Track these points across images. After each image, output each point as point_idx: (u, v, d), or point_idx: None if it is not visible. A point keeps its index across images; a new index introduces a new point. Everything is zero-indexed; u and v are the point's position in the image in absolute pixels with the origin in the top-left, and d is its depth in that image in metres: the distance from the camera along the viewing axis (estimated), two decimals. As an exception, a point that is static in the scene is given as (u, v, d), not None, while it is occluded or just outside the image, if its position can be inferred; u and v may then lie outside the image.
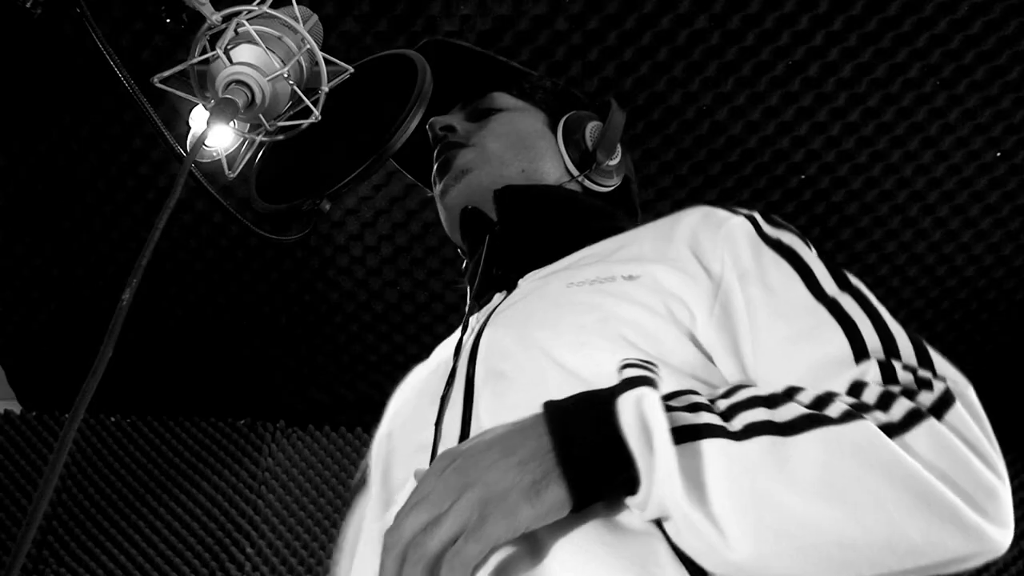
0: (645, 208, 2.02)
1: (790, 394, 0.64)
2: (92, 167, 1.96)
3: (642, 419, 0.58)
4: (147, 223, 2.04)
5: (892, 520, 0.56)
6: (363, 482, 1.02)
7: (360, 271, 2.14)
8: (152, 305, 2.17)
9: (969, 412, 0.62)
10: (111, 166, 1.96)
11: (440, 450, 0.80)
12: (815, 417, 0.60)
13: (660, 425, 0.58)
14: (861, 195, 2.00)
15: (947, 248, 2.10)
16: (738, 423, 0.60)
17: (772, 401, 0.62)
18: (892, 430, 0.59)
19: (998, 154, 1.94)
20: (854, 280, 0.75)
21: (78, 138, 1.91)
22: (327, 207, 0.96)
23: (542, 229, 0.99)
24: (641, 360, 0.65)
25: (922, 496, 0.57)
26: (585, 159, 1.05)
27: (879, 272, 2.14)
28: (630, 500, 0.60)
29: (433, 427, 0.82)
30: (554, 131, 1.07)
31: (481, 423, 0.77)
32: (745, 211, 0.84)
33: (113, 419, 2.36)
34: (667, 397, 0.63)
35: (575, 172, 1.04)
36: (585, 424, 0.60)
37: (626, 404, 0.59)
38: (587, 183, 1.05)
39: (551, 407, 0.63)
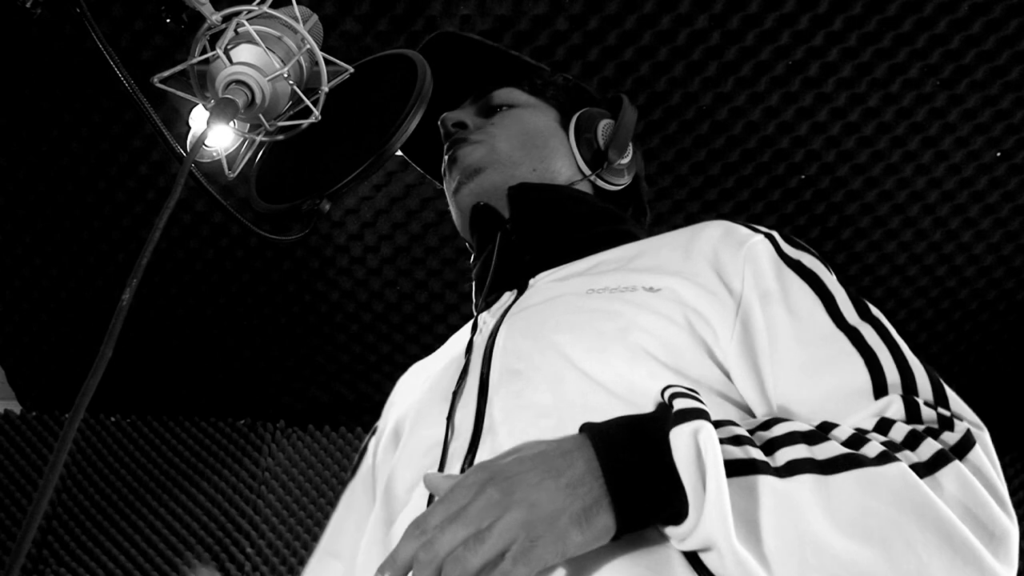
0: (645, 208, 2.04)
1: (826, 430, 0.64)
2: (92, 167, 1.96)
3: (697, 452, 0.58)
4: (147, 223, 2.04)
5: (921, 561, 0.58)
6: (353, 473, 1.02)
7: (360, 271, 2.14)
8: (152, 305, 2.17)
9: (986, 454, 0.64)
10: (111, 166, 1.96)
11: (451, 448, 0.80)
12: (853, 457, 0.60)
13: (715, 460, 0.58)
14: (861, 195, 2.00)
15: (947, 248, 2.10)
16: (780, 459, 0.61)
17: (811, 437, 0.63)
18: (921, 470, 0.60)
19: (998, 154, 1.93)
20: (875, 310, 0.76)
21: (78, 138, 1.91)
22: (327, 207, 0.96)
23: (555, 230, 0.99)
24: (687, 388, 0.64)
25: (949, 539, 0.58)
26: (597, 158, 1.04)
27: (879, 272, 2.14)
28: (671, 530, 0.60)
29: (444, 423, 0.83)
30: (566, 129, 1.06)
31: (494, 420, 0.77)
32: (765, 229, 0.85)
33: (113, 419, 2.36)
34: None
35: (587, 171, 1.04)
36: (637, 453, 0.60)
37: (681, 436, 0.59)
38: (599, 182, 1.05)
39: (596, 431, 0.62)
